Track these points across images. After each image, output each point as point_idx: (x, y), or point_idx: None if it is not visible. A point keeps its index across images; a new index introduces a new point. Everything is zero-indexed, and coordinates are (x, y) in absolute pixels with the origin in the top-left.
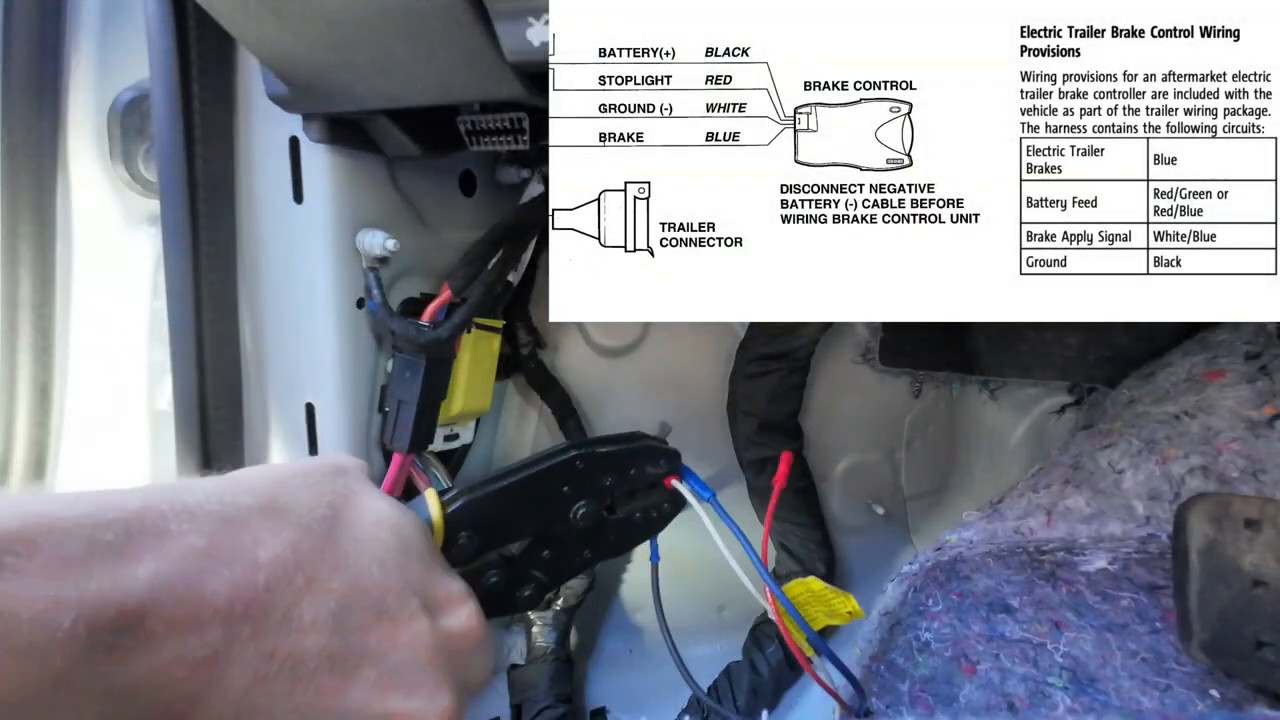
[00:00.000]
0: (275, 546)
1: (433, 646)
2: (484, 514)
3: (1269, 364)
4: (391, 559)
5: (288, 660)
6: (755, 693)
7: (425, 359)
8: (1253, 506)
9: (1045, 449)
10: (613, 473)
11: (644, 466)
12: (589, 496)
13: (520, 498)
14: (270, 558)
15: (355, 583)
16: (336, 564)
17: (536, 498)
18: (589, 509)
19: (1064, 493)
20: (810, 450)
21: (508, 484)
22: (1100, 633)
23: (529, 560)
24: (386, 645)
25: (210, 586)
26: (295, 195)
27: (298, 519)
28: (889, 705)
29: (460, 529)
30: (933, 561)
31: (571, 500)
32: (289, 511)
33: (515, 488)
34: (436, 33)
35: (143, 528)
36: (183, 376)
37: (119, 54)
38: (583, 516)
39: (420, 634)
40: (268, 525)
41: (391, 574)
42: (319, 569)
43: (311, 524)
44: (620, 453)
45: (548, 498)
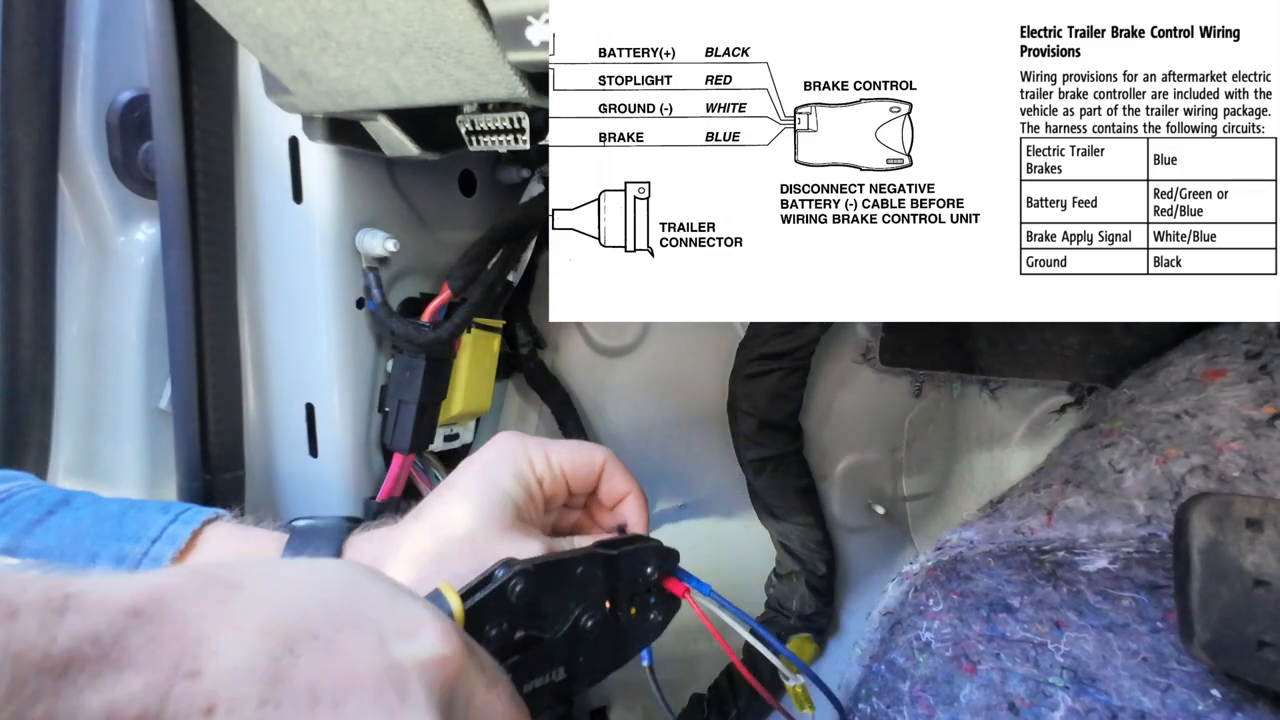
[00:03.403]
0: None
1: (392, 678)
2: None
3: (1269, 363)
4: (320, 594)
5: (224, 714)
6: (755, 693)
7: (425, 359)
8: (1254, 506)
9: (1045, 449)
10: (616, 578)
11: (644, 569)
12: (593, 604)
13: (543, 588)
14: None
15: (285, 622)
16: (257, 604)
17: (556, 590)
18: (596, 617)
19: (1064, 492)
20: (810, 450)
21: (517, 572)
22: (1101, 632)
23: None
24: (339, 687)
25: (136, 638)
26: (295, 195)
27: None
28: (889, 705)
29: (485, 622)
30: (933, 561)
31: (575, 607)
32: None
33: (524, 576)
34: (439, 35)
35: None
36: (183, 376)
37: (119, 54)
38: (592, 625)
39: (373, 665)
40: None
41: (326, 608)
42: (240, 616)
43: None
44: (621, 557)
45: (562, 593)
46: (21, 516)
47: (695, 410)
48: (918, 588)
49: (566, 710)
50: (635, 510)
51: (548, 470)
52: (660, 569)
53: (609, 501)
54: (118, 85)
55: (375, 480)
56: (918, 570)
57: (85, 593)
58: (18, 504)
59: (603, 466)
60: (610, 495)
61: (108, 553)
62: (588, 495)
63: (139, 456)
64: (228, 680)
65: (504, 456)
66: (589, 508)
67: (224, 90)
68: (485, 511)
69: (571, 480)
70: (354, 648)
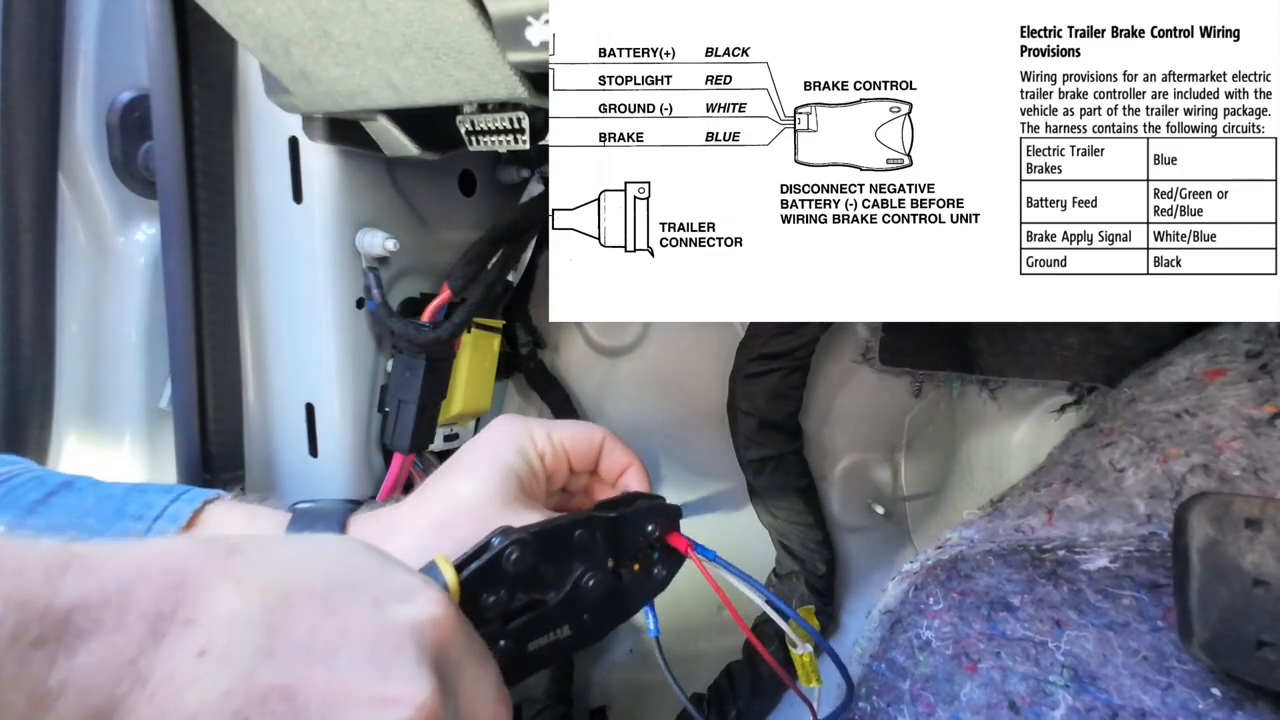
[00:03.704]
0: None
1: (385, 635)
2: (504, 572)
3: (1270, 362)
4: (318, 559)
5: (218, 658)
6: (756, 692)
7: (425, 359)
8: (1253, 506)
9: (1045, 449)
10: (617, 538)
11: (645, 527)
12: (594, 564)
13: (542, 555)
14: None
15: (284, 579)
16: (256, 562)
17: (555, 556)
18: (598, 576)
19: (1065, 491)
20: (810, 450)
21: (513, 541)
22: (1101, 631)
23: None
24: (334, 640)
25: (136, 590)
26: (295, 195)
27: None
28: (889, 703)
29: (483, 590)
30: (934, 560)
31: (577, 568)
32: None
33: (520, 545)
34: (439, 35)
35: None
36: (182, 376)
37: (119, 54)
38: (594, 585)
39: (367, 623)
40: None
41: (323, 572)
42: (240, 571)
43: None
44: (620, 519)
45: (562, 558)
46: (23, 497)
47: (695, 410)
48: (918, 586)
49: (566, 710)
50: (637, 481)
51: (549, 446)
52: (662, 527)
53: (610, 476)
54: (118, 85)
55: (375, 480)
56: (918, 569)
57: (89, 554)
58: (18, 486)
59: (602, 442)
60: (611, 470)
61: (110, 531)
62: (590, 474)
63: (139, 456)
64: (223, 627)
65: (506, 434)
66: (590, 488)
67: (224, 90)
68: (490, 484)
69: (573, 456)
70: (349, 606)
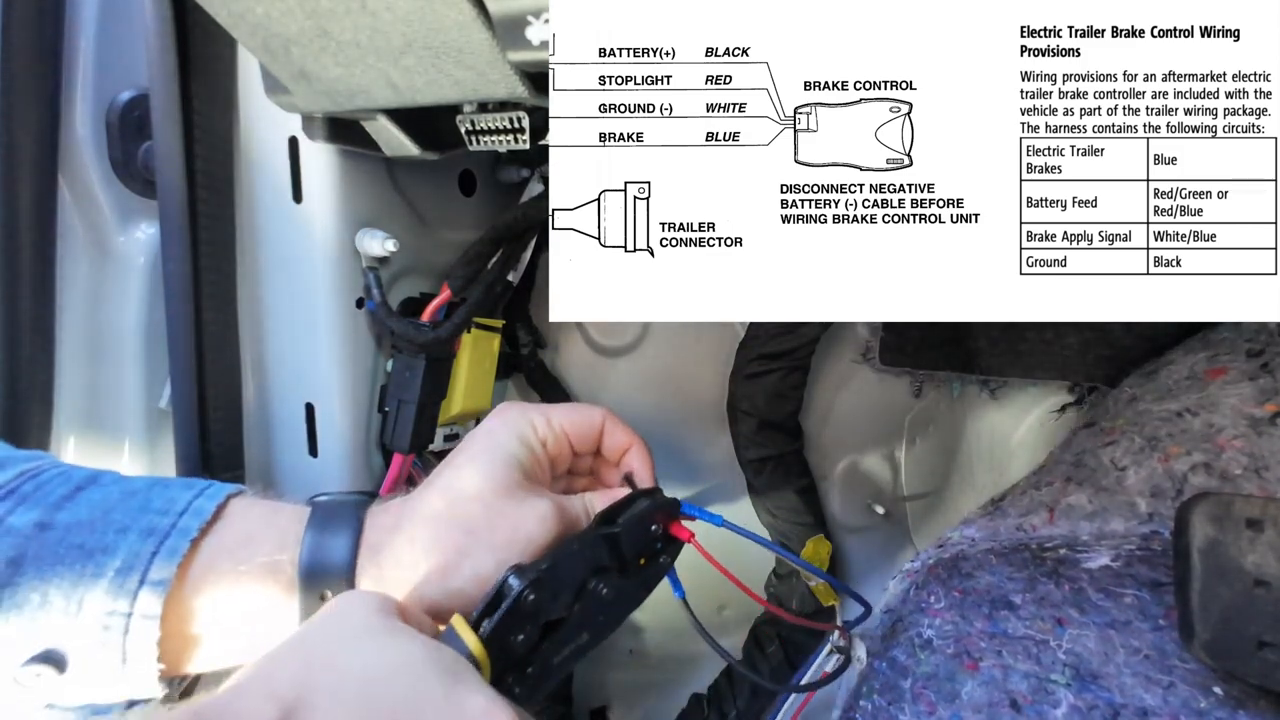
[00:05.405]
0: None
1: None
2: (520, 618)
3: (1271, 361)
4: (387, 700)
5: None
6: (756, 692)
7: (425, 359)
8: (1254, 506)
9: (1045, 448)
10: (623, 547)
11: (648, 528)
12: (604, 574)
13: (557, 586)
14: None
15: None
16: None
17: (568, 582)
18: (610, 582)
19: (1066, 490)
20: (810, 450)
21: (531, 582)
22: (1103, 629)
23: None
24: None
25: None
26: (295, 195)
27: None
28: (890, 702)
29: (509, 634)
30: (935, 559)
31: (589, 582)
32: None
33: (537, 586)
34: (440, 35)
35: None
36: (182, 376)
37: (119, 54)
38: (606, 591)
39: None
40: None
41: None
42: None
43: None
44: (623, 531)
45: (575, 580)
46: (52, 492)
47: (695, 410)
48: (919, 585)
49: (566, 710)
50: (639, 459)
51: (549, 431)
52: (663, 522)
53: (613, 456)
54: (118, 85)
55: (375, 480)
56: (919, 568)
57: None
58: (46, 481)
59: (602, 423)
60: (613, 450)
61: (136, 526)
62: (592, 455)
63: (138, 456)
64: None
65: (506, 422)
66: (595, 469)
67: (224, 90)
68: (493, 472)
69: (574, 438)
70: None
